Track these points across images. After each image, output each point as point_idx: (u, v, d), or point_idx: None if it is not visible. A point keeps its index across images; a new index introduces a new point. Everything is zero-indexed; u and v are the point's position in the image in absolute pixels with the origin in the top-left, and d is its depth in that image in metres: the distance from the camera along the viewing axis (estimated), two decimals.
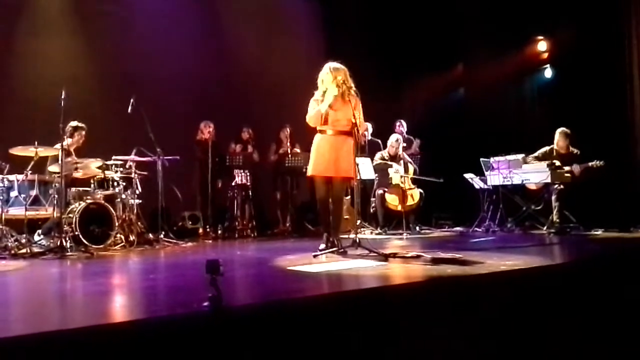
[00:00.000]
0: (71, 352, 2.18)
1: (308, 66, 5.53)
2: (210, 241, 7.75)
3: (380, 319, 2.95)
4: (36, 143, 5.99)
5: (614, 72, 8.39)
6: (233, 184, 8.40)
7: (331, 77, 5.22)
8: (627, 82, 8.35)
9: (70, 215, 6.08)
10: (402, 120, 9.46)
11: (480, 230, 8.14)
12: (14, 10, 8.02)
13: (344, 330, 2.78)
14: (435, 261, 4.54)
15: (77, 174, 6.55)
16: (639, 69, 8.25)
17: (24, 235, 5.89)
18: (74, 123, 6.67)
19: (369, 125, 8.98)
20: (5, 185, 6.01)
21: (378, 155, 8.56)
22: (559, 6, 8.87)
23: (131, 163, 6.98)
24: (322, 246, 5.21)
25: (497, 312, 3.33)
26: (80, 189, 6.54)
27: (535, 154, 8.02)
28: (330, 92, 5.19)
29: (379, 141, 8.90)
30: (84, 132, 6.85)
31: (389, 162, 8.43)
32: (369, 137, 8.98)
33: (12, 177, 6.08)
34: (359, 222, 6.60)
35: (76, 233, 5.98)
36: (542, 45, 9.69)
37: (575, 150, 7.85)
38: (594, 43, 8.46)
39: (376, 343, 2.87)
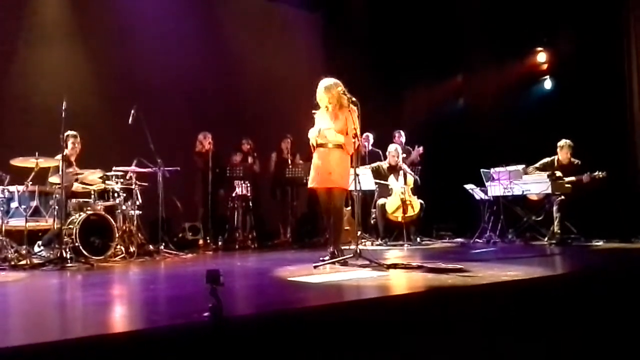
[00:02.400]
0: None
1: (309, 77, 5.55)
2: (210, 252, 7.73)
3: (381, 329, 2.93)
4: (37, 154, 5.99)
5: (613, 83, 8.40)
6: (233, 195, 8.39)
7: (325, 97, 5.35)
8: (626, 93, 8.37)
9: (71, 226, 6.06)
10: (401, 131, 9.47)
11: (481, 241, 8.12)
12: (14, 20, 8.04)
13: (345, 341, 2.77)
14: (436, 272, 4.53)
15: (76, 186, 6.54)
16: (638, 80, 8.27)
17: (24, 247, 5.87)
18: (67, 133, 6.65)
19: (370, 136, 9.00)
20: (6, 196, 6.01)
21: (375, 165, 8.54)
22: (559, 18, 8.91)
23: (132, 174, 6.96)
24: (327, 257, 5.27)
25: (498, 323, 3.32)
26: (81, 200, 6.53)
27: (536, 165, 8.03)
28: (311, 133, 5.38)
29: (380, 151, 8.90)
30: (78, 139, 6.82)
31: (383, 181, 8.42)
32: (370, 147, 8.99)
33: (12, 188, 6.07)
34: (359, 233, 6.59)
35: (76, 244, 5.95)
36: (541, 57, 9.72)
37: (576, 161, 7.86)
38: (593, 54, 8.49)
39: (377, 354, 2.85)
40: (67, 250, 5.79)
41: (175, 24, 9.20)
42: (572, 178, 7.65)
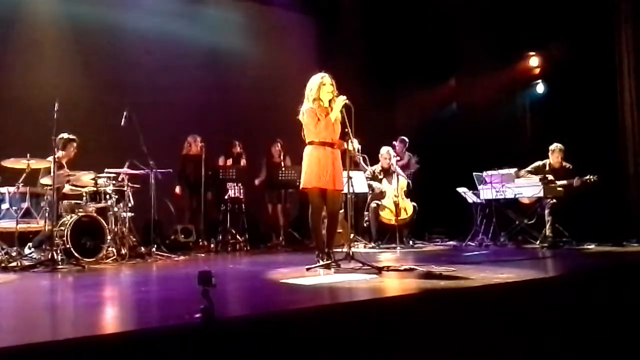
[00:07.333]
0: None
1: (301, 80, 5.52)
2: (202, 255, 7.70)
3: (373, 331, 2.93)
4: (28, 155, 5.96)
5: (605, 87, 8.44)
6: (226, 197, 8.37)
7: (328, 88, 5.25)
8: (617, 97, 8.42)
9: (62, 228, 6.03)
10: (406, 139, 9.47)
11: (473, 244, 8.14)
12: (6, 22, 8.00)
13: (337, 343, 2.76)
14: (429, 274, 4.54)
15: (67, 188, 6.51)
16: (629, 84, 8.32)
17: (15, 248, 5.83)
18: (65, 135, 6.62)
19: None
20: None
21: (369, 170, 8.53)
22: (551, 22, 8.94)
23: (124, 176, 6.93)
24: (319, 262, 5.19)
25: (490, 324, 3.32)
26: (72, 201, 6.49)
27: (528, 168, 8.06)
28: (340, 98, 5.16)
29: (365, 156, 8.80)
30: (75, 144, 6.81)
31: (374, 183, 8.42)
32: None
33: (3, 189, 6.03)
34: (352, 235, 6.58)
35: (68, 246, 5.92)
36: (534, 61, 9.77)
37: (568, 165, 7.89)
38: (585, 58, 8.52)
39: (369, 355, 2.85)
40: (58, 252, 5.75)
41: (168, 26, 9.18)
42: (564, 182, 7.68)
